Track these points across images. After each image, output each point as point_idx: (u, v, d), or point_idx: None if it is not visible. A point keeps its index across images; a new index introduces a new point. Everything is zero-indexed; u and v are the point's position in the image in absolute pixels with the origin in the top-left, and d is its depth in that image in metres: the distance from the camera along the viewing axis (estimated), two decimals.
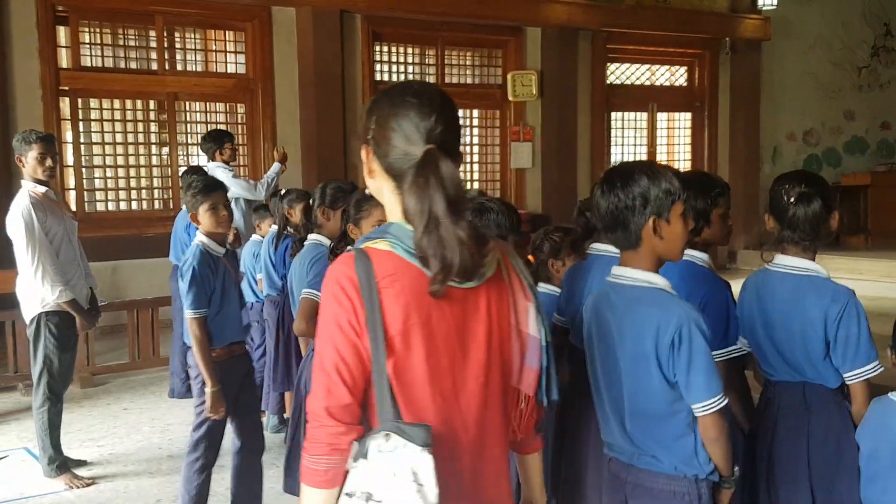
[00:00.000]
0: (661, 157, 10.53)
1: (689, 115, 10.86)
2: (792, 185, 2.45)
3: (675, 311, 1.94)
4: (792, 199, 2.43)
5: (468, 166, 9.67)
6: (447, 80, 9.33)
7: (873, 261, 9.46)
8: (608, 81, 10.22)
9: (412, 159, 1.45)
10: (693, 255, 2.68)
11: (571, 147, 9.75)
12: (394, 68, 9.01)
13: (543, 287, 3.12)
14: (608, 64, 10.19)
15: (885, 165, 11.62)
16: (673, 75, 10.87)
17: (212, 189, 3.47)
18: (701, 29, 10.29)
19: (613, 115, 10.37)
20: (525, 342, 1.57)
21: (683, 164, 10.72)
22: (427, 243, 1.41)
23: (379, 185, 1.54)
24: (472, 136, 9.71)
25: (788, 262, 2.44)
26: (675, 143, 10.93)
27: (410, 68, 9.18)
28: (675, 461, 1.99)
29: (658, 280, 2.00)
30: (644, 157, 10.33)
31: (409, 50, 9.14)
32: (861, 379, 2.31)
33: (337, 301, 1.47)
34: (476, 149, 9.73)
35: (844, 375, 2.33)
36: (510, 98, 9.44)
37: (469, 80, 9.60)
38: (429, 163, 1.43)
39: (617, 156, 10.35)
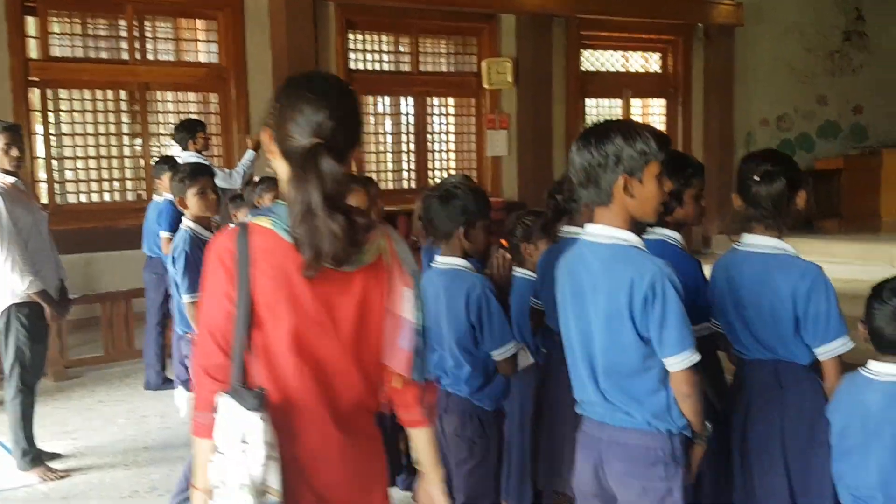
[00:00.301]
0: None
1: (663, 102, 10.90)
2: (757, 163, 2.48)
3: (648, 267, 1.97)
4: (756, 178, 2.45)
5: (445, 154, 9.67)
6: (422, 68, 9.31)
7: (846, 244, 9.54)
8: (582, 68, 10.23)
9: (300, 150, 1.56)
10: (665, 234, 2.70)
11: (547, 135, 9.77)
12: (368, 56, 8.97)
13: (518, 271, 3.14)
14: (582, 51, 10.20)
15: (857, 149, 11.72)
16: (647, 62, 10.90)
17: (199, 173, 3.50)
18: (674, 15, 10.31)
19: (588, 102, 10.38)
20: (399, 325, 1.67)
21: None
22: (301, 232, 1.54)
23: (278, 166, 1.64)
24: (447, 124, 9.70)
25: (755, 241, 2.47)
26: None
27: (385, 56, 9.13)
28: (649, 416, 2.01)
29: (631, 237, 2.02)
30: None
31: (384, 38, 9.09)
32: (832, 355, 2.34)
33: (215, 271, 1.61)
34: (452, 137, 9.72)
35: (816, 351, 2.35)
36: (485, 86, 9.42)
37: (444, 69, 9.58)
38: (310, 157, 1.54)
39: None
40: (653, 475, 2.01)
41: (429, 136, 9.52)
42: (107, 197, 7.73)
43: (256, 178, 5.01)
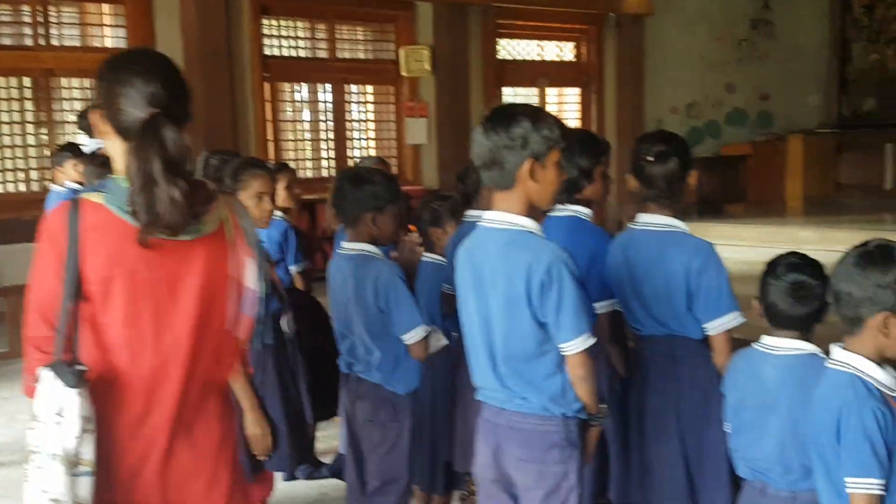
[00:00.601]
0: None
1: (578, 91, 11.09)
2: (650, 144, 2.55)
3: (545, 252, 2.00)
4: (650, 158, 2.53)
5: (364, 143, 9.63)
6: (339, 54, 9.24)
7: (752, 227, 9.87)
8: (499, 57, 10.32)
9: (137, 122, 1.58)
10: (577, 209, 2.77)
11: (465, 123, 9.81)
12: (283, 43, 8.86)
13: (427, 256, 3.16)
14: (499, 40, 10.28)
15: (764, 135, 12.15)
16: (562, 51, 11.06)
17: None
18: (586, 4, 10.49)
19: (506, 90, 10.48)
20: (242, 293, 1.73)
21: None
22: (140, 200, 1.56)
23: (111, 145, 1.65)
24: (366, 112, 9.66)
25: (650, 220, 2.55)
26: (566, 117, 11.13)
27: (301, 43, 9.03)
28: (545, 401, 2.05)
29: (528, 223, 2.05)
30: None
31: (299, 24, 8.99)
32: (723, 329, 2.43)
33: (44, 246, 1.66)
34: (371, 125, 9.69)
35: (705, 326, 2.44)
36: (403, 74, 9.42)
37: (362, 56, 9.53)
38: (150, 127, 1.57)
39: None
40: (549, 459, 2.04)
41: (347, 124, 9.48)
42: (10, 187, 7.47)
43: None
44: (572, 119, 11.09)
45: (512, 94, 10.57)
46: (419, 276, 2.90)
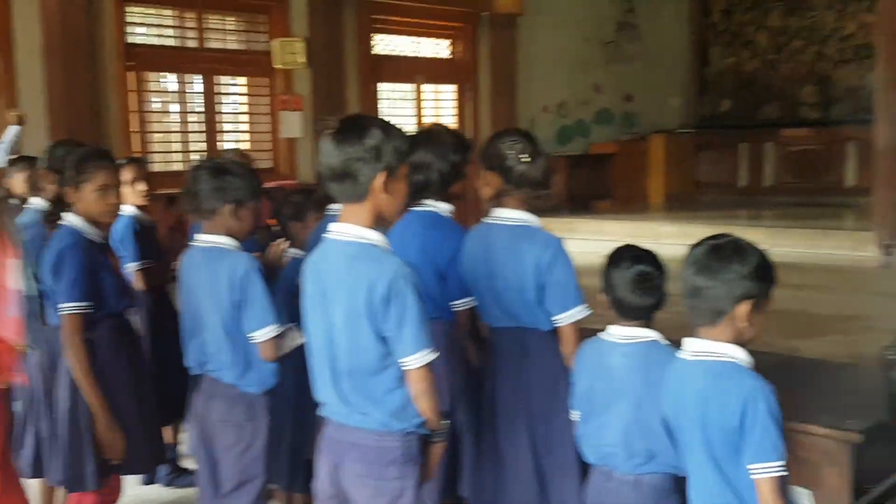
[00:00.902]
0: None
1: (454, 87, 11.22)
2: (516, 143, 2.62)
3: (388, 266, 1.99)
4: (521, 157, 2.59)
5: (237, 136, 9.44)
6: (208, 44, 9.02)
7: (618, 222, 10.30)
8: (375, 52, 10.33)
9: None
10: (439, 206, 2.81)
11: (341, 116, 9.77)
12: (149, 31, 8.57)
13: (291, 251, 3.14)
14: (374, 34, 10.29)
15: (629, 135, 12.66)
16: (437, 47, 11.18)
17: None
18: (460, 2, 10.63)
19: (382, 85, 10.50)
20: (5, 295, 1.71)
21: None
22: None
23: None
24: (239, 104, 9.47)
25: (506, 214, 2.62)
26: (442, 114, 11.26)
27: (168, 31, 8.77)
28: (385, 417, 2.04)
29: (374, 236, 2.05)
30: (413, 129, 10.55)
31: (166, 12, 8.72)
32: (570, 321, 2.54)
33: None
34: (244, 118, 9.51)
35: (554, 318, 2.54)
36: (277, 66, 9.29)
37: (233, 46, 9.34)
38: None
39: None
40: (386, 475, 2.03)
41: (219, 117, 9.27)
42: None
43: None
44: (449, 116, 11.22)
45: (388, 89, 10.60)
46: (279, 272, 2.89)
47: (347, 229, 2.05)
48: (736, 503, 1.89)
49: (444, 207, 2.82)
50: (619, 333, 2.30)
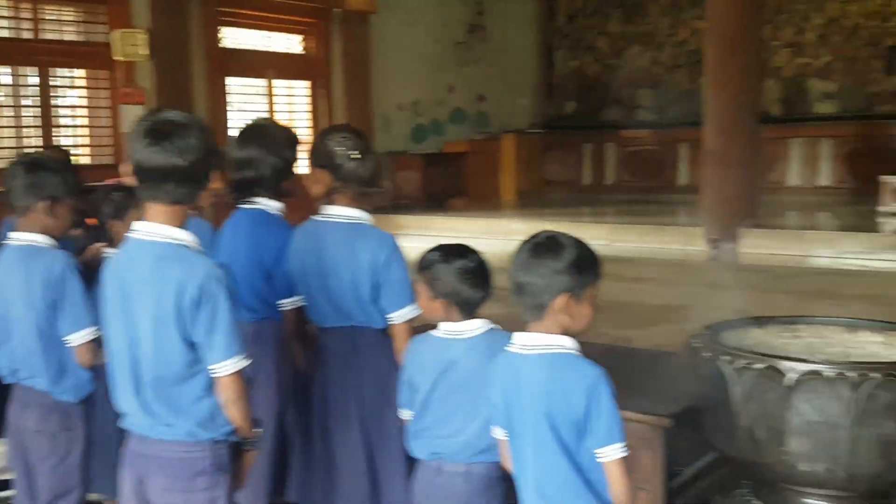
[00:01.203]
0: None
1: (307, 84, 11.11)
2: (346, 140, 2.59)
3: (198, 267, 1.93)
4: (351, 154, 2.59)
5: (75, 130, 9.00)
6: (44, 35, 8.55)
7: (471, 220, 10.49)
8: (223, 45, 10.09)
9: None
10: (269, 204, 2.78)
11: (187, 111, 9.42)
12: None
13: (108, 252, 3.00)
14: (221, 27, 10.05)
15: (481, 134, 12.95)
16: (289, 42, 11.03)
17: None
18: None
19: (231, 80, 10.26)
20: None
21: (304, 132, 10.97)
22: None
23: None
24: (77, 97, 9.03)
25: (339, 212, 2.60)
26: (295, 111, 11.14)
27: (1, 22, 8.24)
28: (192, 426, 1.97)
29: (185, 236, 1.98)
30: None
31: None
32: (404, 319, 2.56)
33: None
34: (83, 111, 9.07)
35: (390, 317, 2.55)
36: (117, 58, 8.91)
37: (71, 38, 8.88)
38: None
39: (236, 122, 10.27)
40: (195, 487, 1.96)
41: (55, 111, 8.80)
42: None
43: None
44: (302, 112, 11.11)
45: (238, 84, 10.37)
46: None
47: (154, 228, 1.96)
48: (585, 488, 1.95)
49: (273, 205, 2.76)
50: (456, 328, 2.31)
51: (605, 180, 13.10)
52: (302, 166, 2.82)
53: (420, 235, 10.06)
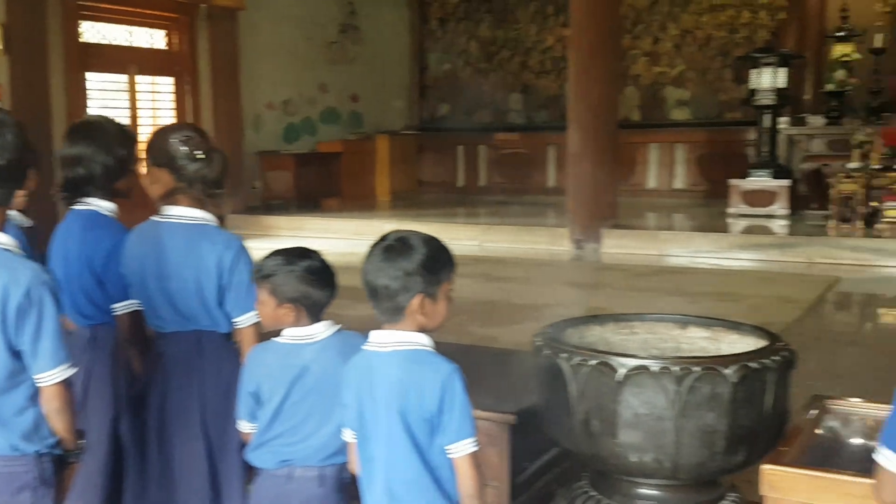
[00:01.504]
0: (146, 123, 10.32)
1: (171, 80, 10.80)
2: (189, 139, 2.51)
3: (23, 273, 1.85)
4: (195, 154, 2.52)
5: None
6: None
7: (345, 220, 10.48)
8: (83, 40, 9.67)
9: None
10: (101, 204, 2.66)
11: (45, 107, 9.05)
12: None
13: None
14: (81, 21, 9.63)
15: (355, 134, 12.92)
16: (153, 38, 10.70)
17: None
18: None
19: (91, 76, 9.85)
20: None
21: None
22: None
23: None
24: None
25: (181, 213, 2.52)
26: (159, 108, 10.81)
27: None
28: (15, 439, 1.90)
29: (5, 239, 1.90)
30: (127, 122, 10.05)
31: None
32: (250, 323, 2.53)
33: None
34: None
35: (235, 320, 2.50)
36: None
37: None
38: None
39: None
40: (19, 503, 1.88)
41: None
42: None
43: None
44: (167, 110, 10.79)
45: (99, 80, 9.97)
46: None
47: None
48: (434, 485, 1.96)
49: (106, 206, 2.65)
50: (305, 333, 2.28)
51: (479, 182, 13.34)
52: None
53: (293, 236, 9.96)
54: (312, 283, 2.25)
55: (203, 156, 2.52)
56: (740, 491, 2.52)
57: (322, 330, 2.29)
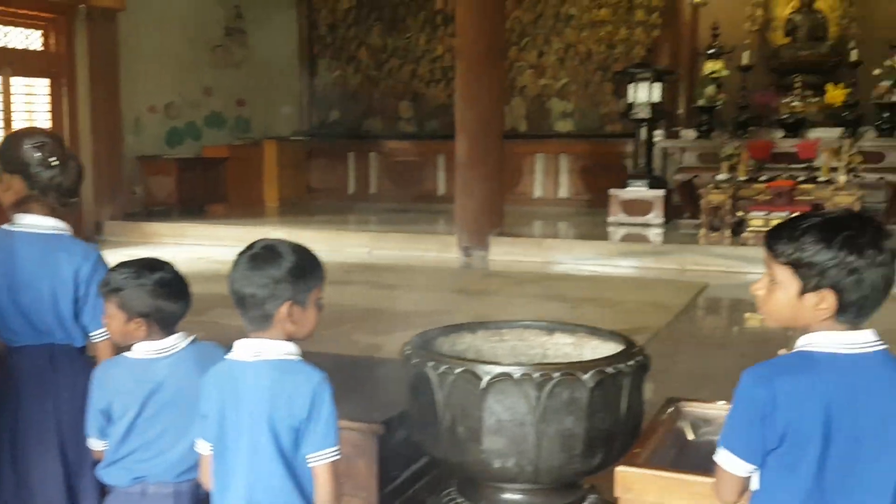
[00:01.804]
0: (21, 126, 9.85)
1: (47, 82, 10.37)
2: (43, 145, 2.41)
3: None
4: (50, 161, 2.42)
5: None
6: None
7: (230, 227, 10.26)
8: None
9: None
10: None
11: None
12: None
13: None
14: None
15: (242, 139, 12.70)
16: (28, 39, 10.25)
17: None
18: None
19: None
20: None
21: None
22: None
23: None
24: None
25: (34, 222, 2.44)
26: (35, 110, 10.36)
27: None
28: None
29: None
30: (0, 125, 9.61)
31: None
32: (107, 337, 2.38)
33: None
34: None
35: (92, 334, 2.42)
36: None
37: None
38: None
39: None
40: None
41: None
42: None
43: None
44: (42, 112, 10.34)
45: None
46: None
47: None
48: (297, 494, 1.95)
49: None
50: (158, 347, 2.21)
51: (370, 189, 13.33)
52: None
53: (176, 244, 9.70)
54: (164, 296, 2.19)
55: (58, 163, 2.44)
56: (600, 491, 2.60)
57: (176, 342, 2.24)
